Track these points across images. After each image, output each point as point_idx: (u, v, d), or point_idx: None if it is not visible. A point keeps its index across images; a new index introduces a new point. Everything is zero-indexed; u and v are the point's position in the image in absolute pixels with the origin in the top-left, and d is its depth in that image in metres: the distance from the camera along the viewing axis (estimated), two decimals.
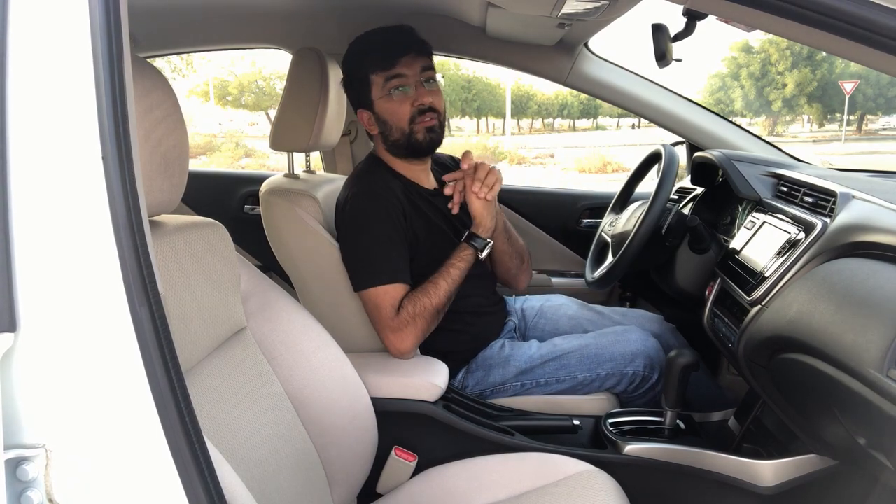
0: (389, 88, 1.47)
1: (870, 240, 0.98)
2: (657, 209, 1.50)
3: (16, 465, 0.59)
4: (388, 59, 1.46)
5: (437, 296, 1.43)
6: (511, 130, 33.00)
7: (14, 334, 0.59)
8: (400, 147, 1.52)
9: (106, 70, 0.59)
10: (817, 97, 27.20)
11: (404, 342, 1.41)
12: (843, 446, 1.10)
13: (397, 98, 1.47)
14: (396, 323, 1.40)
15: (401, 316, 1.41)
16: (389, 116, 1.49)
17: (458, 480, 1.22)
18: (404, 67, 1.46)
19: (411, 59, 1.47)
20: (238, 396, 0.98)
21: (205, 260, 0.96)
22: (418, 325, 1.41)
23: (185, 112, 0.88)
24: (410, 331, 1.41)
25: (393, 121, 1.49)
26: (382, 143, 1.56)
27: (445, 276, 1.45)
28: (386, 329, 1.41)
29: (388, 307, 1.41)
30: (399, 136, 1.50)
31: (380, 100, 1.49)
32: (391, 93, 1.47)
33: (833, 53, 0.90)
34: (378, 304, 1.41)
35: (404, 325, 1.40)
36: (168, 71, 18.34)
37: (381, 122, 1.51)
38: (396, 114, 1.48)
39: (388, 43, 1.49)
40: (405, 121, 1.48)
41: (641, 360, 1.50)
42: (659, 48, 1.47)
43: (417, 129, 1.48)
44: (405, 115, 1.47)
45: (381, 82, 1.47)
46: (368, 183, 1.50)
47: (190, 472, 0.60)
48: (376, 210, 1.44)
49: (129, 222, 0.59)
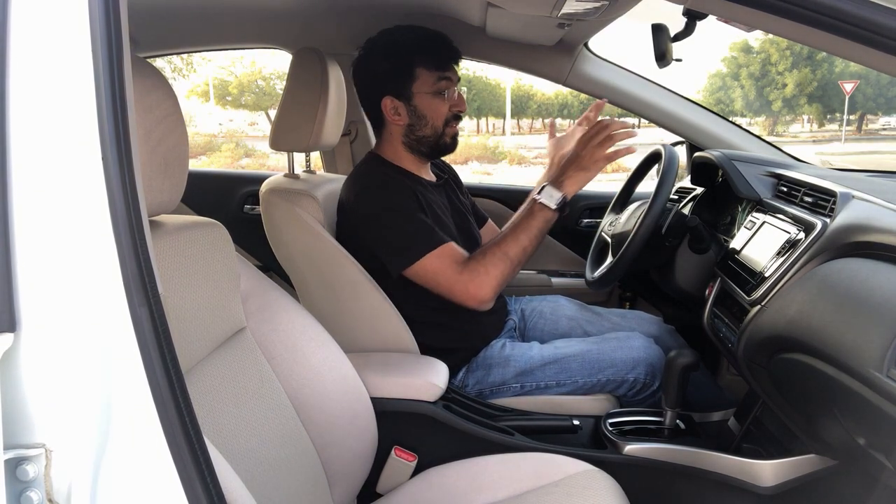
0: (437, 88, 1.52)
1: (870, 240, 0.98)
2: (657, 209, 1.50)
3: (15, 465, 0.59)
4: (444, 60, 1.52)
5: (506, 243, 1.43)
6: (511, 130, 33.00)
7: (14, 334, 0.59)
8: (425, 144, 1.56)
9: (106, 70, 0.59)
10: (817, 97, 27.20)
11: (481, 289, 1.41)
12: (843, 446, 1.10)
13: (440, 100, 1.53)
14: (467, 274, 1.41)
15: (469, 265, 1.42)
16: (429, 112, 1.54)
17: (458, 480, 1.22)
18: (453, 73, 1.54)
19: (456, 67, 1.55)
20: (238, 396, 0.98)
21: (204, 260, 0.96)
22: (492, 272, 1.41)
23: (185, 112, 0.88)
24: (484, 278, 1.41)
25: (431, 117, 1.54)
26: (403, 136, 1.57)
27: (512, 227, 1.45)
28: (457, 284, 1.42)
29: (450, 265, 1.42)
30: (430, 133, 1.55)
31: (423, 94, 1.52)
32: (437, 93, 1.52)
33: (833, 53, 0.90)
34: (437, 269, 1.43)
35: (477, 273, 1.41)
36: (168, 71, 18.35)
37: (417, 115, 1.54)
38: (437, 112, 1.54)
39: (442, 44, 1.54)
40: (441, 121, 1.54)
41: (643, 367, 1.50)
42: (659, 48, 1.47)
43: (448, 132, 1.56)
44: (443, 115, 1.54)
45: (431, 80, 1.52)
46: (377, 176, 1.53)
47: (190, 471, 0.60)
48: (393, 195, 1.47)
49: (128, 222, 0.59)
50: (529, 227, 1.44)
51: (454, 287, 1.43)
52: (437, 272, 1.43)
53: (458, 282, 1.42)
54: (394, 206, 1.45)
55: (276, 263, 1.59)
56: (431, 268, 1.43)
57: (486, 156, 18.58)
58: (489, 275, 1.41)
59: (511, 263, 1.43)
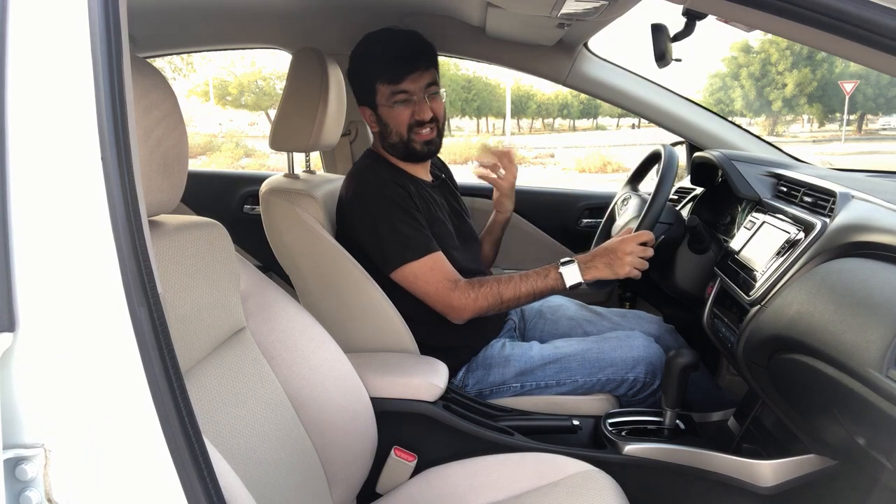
0: (393, 101, 1.52)
1: (869, 240, 0.98)
2: (656, 210, 1.50)
3: (15, 465, 0.59)
4: (395, 74, 1.50)
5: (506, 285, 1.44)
6: (511, 130, 33.00)
7: (13, 334, 0.59)
8: (397, 150, 1.58)
9: (105, 70, 0.59)
10: (817, 97, 27.21)
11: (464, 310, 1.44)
12: (843, 446, 1.10)
13: (399, 109, 1.52)
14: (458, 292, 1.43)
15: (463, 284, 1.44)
16: (390, 122, 1.54)
17: (458, 480, 1.22)
18: (410, 83, 1.51)
19: (418, 76, 1.51)
20: (237, 396, 0.98)
21: (204, 260, 0.96)
22: (479, 303, 1.43)
23: (185, 112, 0.88)
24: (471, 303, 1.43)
25: (393, 126, 1.54)
26: (381, 142, 1.60)
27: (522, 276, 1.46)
28: (442, 294, 1.44)
29: (437, 274, 1.44)
30: (397, 141, 1.56)
31: (382, 107, 1.54)
32: (394, 105, 1.52)
33: (833, 53, 0.90)
34: (425, 276, 1.44)
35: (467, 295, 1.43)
36: (168, 71, 18.35)
37: (383, 124, 1.56)
38: (397, 121, 1.54)
39: (397, 55, 1.52)
40: (404, 128, 1.54)
41: (643, 366, 1.50)
42: (659, 48, 1.47)
43: (415, 139, 1.55)
44: (404, 123, 1.53)
45: (387, 93, 1.52)
46: (374, 174, 1.53)
47: (189, 471, 0.60)
48: (389, 195, 1.47)
49: (128, 222, 0.59)
50: (535, 287, 1.45)
51: (439, 295, 1.44)
52: (425, 278, 1.44)
53: (444, 292, 1.44)
54: (388, 208, 1.46)
55: (276, 263, 1.59)
56: (420, 273, 1.45)
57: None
58: (476, 303, 1.44)
59: (500, 305, 1.46)
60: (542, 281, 1.45)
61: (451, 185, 1.77)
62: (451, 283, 1.44)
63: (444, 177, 1.73)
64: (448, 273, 1.46)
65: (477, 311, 1.45)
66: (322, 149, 1.84)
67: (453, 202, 1.71)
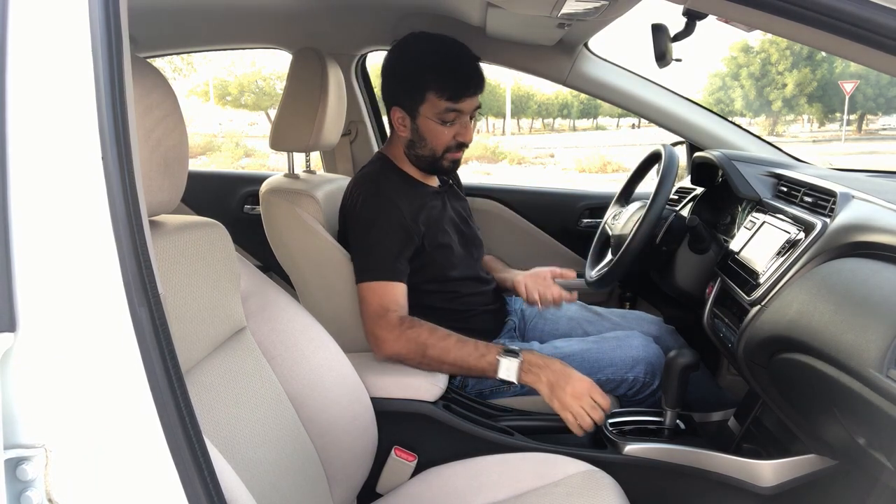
0: (443, 118, 1.47)
1: (870, 240, 0.98)
2: (656, 211, 1.50)
3: (15, 465, 0.59)
4: (456, 91, 1.44)
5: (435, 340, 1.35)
6: (511, 130, 33.01)
7: (14, 334, 0.59)
8: (422, 161, 1.54)
9: (106, 70, 0.59)
10: (817, 97, 27.21)
11: (385, 344, 1.37)
12: (843, 446, 1.10)
13: (445, 127, 1.48)
14: (385, 323, 1.37)
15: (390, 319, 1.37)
16: (429, 136, 1.49)
17: (458, 480, 1.22)
18: (466, 104, 1.47)
19: (472, 99, 1.48)
20: (238, 396, 0.98)
21: (205, 260, 0.96)
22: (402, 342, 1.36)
23: (185, 112, 0.88)
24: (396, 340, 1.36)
25: (431, 141, 1.50)
26: (405, 147, 1.55)
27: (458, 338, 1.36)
28: (373, 317, 1.39)
29: (378, 299, 1.40)
30: (428, 154, 1.52)
31: (428, 119, 1.48)
32: (443, 122, 1.47)
33: (833, 53, 0.90)
34: (367, 298, 1.41)
35: (392, 331, 1.36)
36: (168, 71, 18.36)
37: (419, 135, 1.50)
38: (438, 138, 1.49)
39: (460, 72, 1.46)
40: (441, 147, 1.50)
41: (643, 366, 1.50)
42: (659, 48, 1.47)
43: (447, 157, 1.52)
44: (444, 143, 1.50)
45: (440, 108, 1.46)
46: (378, 185, 1.50)
47: (189, 472, 0.60)
48: (384, 213, 1.45)
49: (128, 222, 0.59)
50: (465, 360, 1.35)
51: (368, 320, 1.40)
52: (366, 301, 1.40)
53: (373, 319, 1.38)
54: (375, 224, 1.44)
55: (276, 263, 1.59)
56: (365, 295, 1.41)
57: (486, 156, 18.59)
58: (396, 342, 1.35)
59: (420, 359, 1.36)
60: (475, 357, 1.34)
61: (457, 190, 1.75)
62: (381, 309, 1.37)
63: (450, 182, 1.71)
64: (387, 302, 1.38)
65: (395, 353, 1.36)
66: (322, 149, 1.84)
67: (458, 207, 1.69)
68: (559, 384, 1.30)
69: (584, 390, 1.29)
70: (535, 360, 1.34)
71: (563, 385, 1.30)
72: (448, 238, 1.56)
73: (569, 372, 1.32)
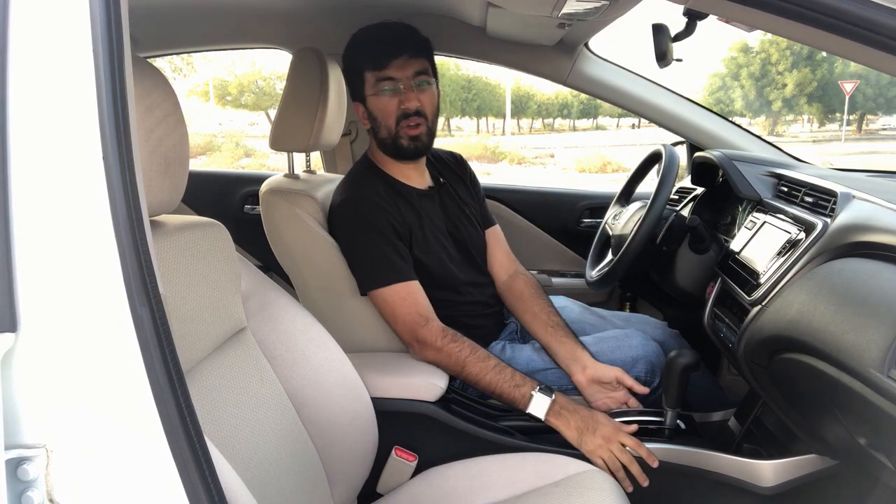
0: (379, 88, 1.49)
1: (870, 240, 0.98)
2: (656, 211, 1.50)
3: (16, 465, 0.59)
4: (381, 59, 1.47)
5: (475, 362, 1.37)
6: (511, 130, 33.01)
7: (14, 334, 0.59)
8: (387, 147, 1.54)
9: (106, 70, 0.59)
10: (817, 97, 27.21)
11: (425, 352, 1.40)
12: (844, 446, 1.10)
13: (385, 98, 1.49)
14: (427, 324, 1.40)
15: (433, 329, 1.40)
16: (378, 114, 1.51)
17: (458, 480, 1.22)
18: (396, 70, 1.47)
19: (404, 62, 1.47)
20: (238, 396, 0.98)
21: (205, 260, 0.96)
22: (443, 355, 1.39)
23: (185, 112, 0.88)
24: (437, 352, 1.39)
25: (381, 118, 1.51)
26: (374, 141, 1.57)
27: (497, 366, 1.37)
28: (412, 323, 1.41)
29: (410, 304, 1.41)
30: (386, 136, 1.52)
31: (370, 97, 1.51)
32: (380, 93, 1.49)
33: (833, 53, 0.90)
34: (392, 303, 1.42)
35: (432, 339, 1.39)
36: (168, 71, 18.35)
37: (372, 118, 1.53)
38: (384, 112, 1.50)
39: (384, 42, 1.50)
40: (392, 120, 1.49)
41: (642, 364, 1.50)
42: (659, 48, 1.47)
43: (402, 133, 1.50)
44: (391, 114, 1.49)
45: (373, 80, 1.49)
46: (359, 188, 1.50)
47: (190, 472, 0.60)
48: (367, 214, 1.44)
49: (129, 222, 0.59)
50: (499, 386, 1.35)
51: (406, 325, 1.41)
52: (391, 307, 1.42)
53: (412, 325, 1.40)
54: (363, 227, 1.44)
55: (276, 263, 1.59)
56: (383, 302, 1.42)
57: (486, 156, 18.59)
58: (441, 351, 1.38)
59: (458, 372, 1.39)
60: (509, 386, 1.35)
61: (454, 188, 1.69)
62: (421, 317, 1.40)
63: (444, 181, 1.65)
64: (420, 307, 1.42)
65: (436, 361, 1.39)
66: (322, 149, 1.84)
67: (454, 208, 1.64)
68: (588, 429, 1.30)
69: (612, 434, 1.28)
70: (566, 403, 1.33)
71: (592, 430, 1.29)
72: (438, 243, 1.54)
73: (596, 417, 1.32)
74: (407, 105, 1.48)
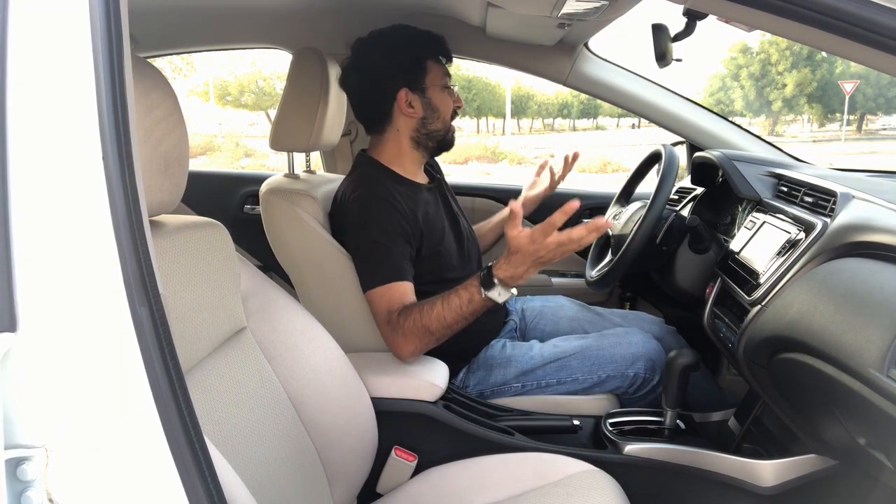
0: (445, 82, 1.55)
1: (870, 240, 0.98)
2: (656, 211, 1.50)
3: (16, 465, 0.59)
4: (448, 54, 1.57)
5: (429, 315, 1.34)
6: (511, 130, 33.01)
7: (14, 334, 0.59)
8: (434, 138, 1.56)
9: (106, 70, 0.59)
10: (817, 97, 27.22)
11: (399, 347, 1.37)
12: (844, 446, 1.10)
13: (447, 92, 1.56)
14: (391, 327, 1.38)
15: (395, 321, 1.37)
16: (441, 105, 1.55)
17: (458, 480, 1.22)
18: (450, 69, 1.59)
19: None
20: (238, 396, 0.98)
21: (205, 260, 0.96)
22: (409, 337, 1.36)
23: (185, 112, 0.88)
24: (403, 338, 1.36)
25: (442, 111, 1.55)
26: (414, 130, 1.54)
27: (443, 299, 1.33)
28: (382, 331, 1.40)
29: (384, 307, 1.39)
30: (440, 127, 1.56)
31: (434, 87, 1.53)
32: (446, 86, 1.55)
33: (833, 53, 0.90)
34: (376, 303, 1.41)
35: (397, 331, 1.37)
36: (168, 71, 18.35)
37: (431, 108, 1.53)
38: (447, 106, 1.56)
39: (444, 40, 1.57)
40: (449, 115, 1.56)
41: (643, 362, 1.50)
42: (659, 48, 1.47)
43: (451, 128, 1.59)
44: (450, 109, 1.57)
45: (439, 73, 1.54)
46: (370, 186, 1.49)
47: (190, 472, 0.60)
48: (382, 213, 1.43)
49: (129, 222, 0.59)
50: (463, 313, 1.31)
51: (381, 332, 1.41)
52: (376, 306, 1.40)
53: (384, 330, 1.39)
54: (370, 225, 1.43)
55: (276, 263, 1.59)
56: (374, 300, 1.40)
57: (486, 156, 18.59)
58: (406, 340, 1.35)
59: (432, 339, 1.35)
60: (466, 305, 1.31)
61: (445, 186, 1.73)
62: (387, 314, 1.37)
63: (439, 178, 1.70)
64: (392, 305, 1.37)
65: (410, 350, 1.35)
66: (322, 149, 1.84)
67: (450, 202, 1.69)
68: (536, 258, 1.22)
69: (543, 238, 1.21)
70: (506, 267, 1.24)
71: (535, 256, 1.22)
72: (446, 237, 1.55)
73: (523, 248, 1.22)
74: (460, 104, 1.58)
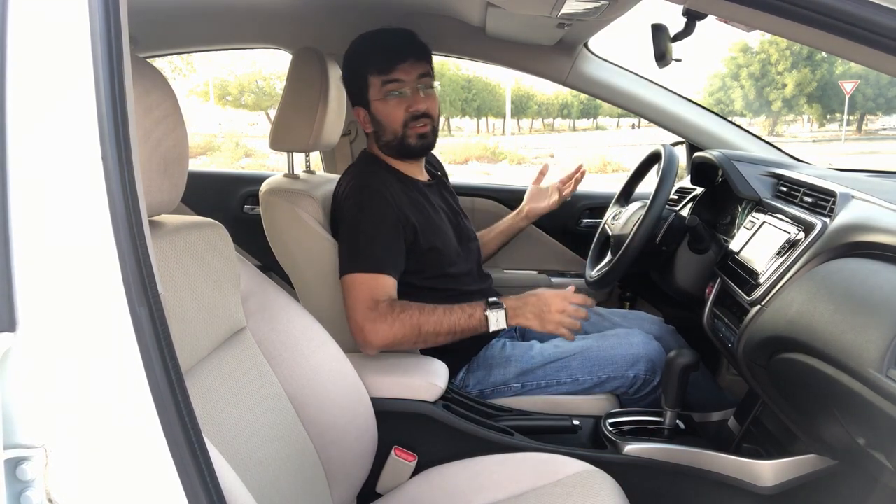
0: (386, 92, 1.50)
1: (869, 240, 0.98)
2: (656, 211, 1.50)
3: (15, 465, 0.59)
4: (387, 63, 1.49)
5: (428, 316, 1.37)
6: (511, 130, 33.01)
7: (13, 334, 0.59)
8: (391, 148, 1.56)
9: (106, 70, 0.59)
10: (817, 97, 27.21)
11: (377, 333, 1.35)
12: (843, 446, 1.10)
13: (392, 102, 1.51)
14: (376, 313, 1.36)
15: (384, 308, 1.36)
16: (384, 118, 1.52)
17: (458, 480, 1.22)
18: (402, 73, 1.50)
19: (410, 66, 1.50)
20: (238, 396, 0.98)
21: (205, 260, 0.96)
22: (396, 327, 1.35)
23: (185, 112, 0.88)
24: (389, 326, 1.35)
25: (387, 122, 1.52)
26: (376, 143, 1.59)
27: (446, 308, 1.38)
28: (357, 315, 1.37)
29: (366, 294, 1.37)
30: (391, 138, 1.54)
31: (376, 101, 1.52)
32: (387, 96, 1.50)
33: (833, 53, 0.90)
34: (355, 289, 1.39)
35: (384, 318, 1.35)
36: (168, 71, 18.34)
37: (376, 122, 1.54)
38: (391, 116, 1.52)
39: (388, 46, 1.51)
40: (399, 124, 1.52)
41: (643, 363, 1.50)
42: (659, 48, 1.47)
43: (410, 133, 1.52)
44: (399, 118, 1.51)
45: (379, 84, 1.50)
46: (366, 178, 1.51)
47: (189, 472, 0.60)
48: (373, 204, 1.45)
49: (128, 222, 0.59)
50: (457, 325, 1.38)
51: (354, 313, 1.37)
52: (354, 293, 1.38)
53: (361, 312, 1.36)
54: (364, 215, 1.43)
55: (276, 263, 1.59)
56: (352, 286, 1.39)
57: (486, 156, 18.59)
58: (391, 329, 1.35)
59: (417, 337, 1.37)
60: (465, 319, 1.38)
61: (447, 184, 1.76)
62: (372, 302, 1.36)
63: (440, 175, 1.72)
64: (378, 294, 1.37)
65: (391, 339, 1.36)
66: (322, 149, 1.84)
67: (450, 201, 1.70)
68: (542, 311, 1.39)
69: (562, 303, 1.38)
70: (515, 303, 1.41)
71: (545, 309, 1.38)
72: (444, 234, 1.56)
73: (543, 296, 1.41)
74: (416, 107, 1.51)
